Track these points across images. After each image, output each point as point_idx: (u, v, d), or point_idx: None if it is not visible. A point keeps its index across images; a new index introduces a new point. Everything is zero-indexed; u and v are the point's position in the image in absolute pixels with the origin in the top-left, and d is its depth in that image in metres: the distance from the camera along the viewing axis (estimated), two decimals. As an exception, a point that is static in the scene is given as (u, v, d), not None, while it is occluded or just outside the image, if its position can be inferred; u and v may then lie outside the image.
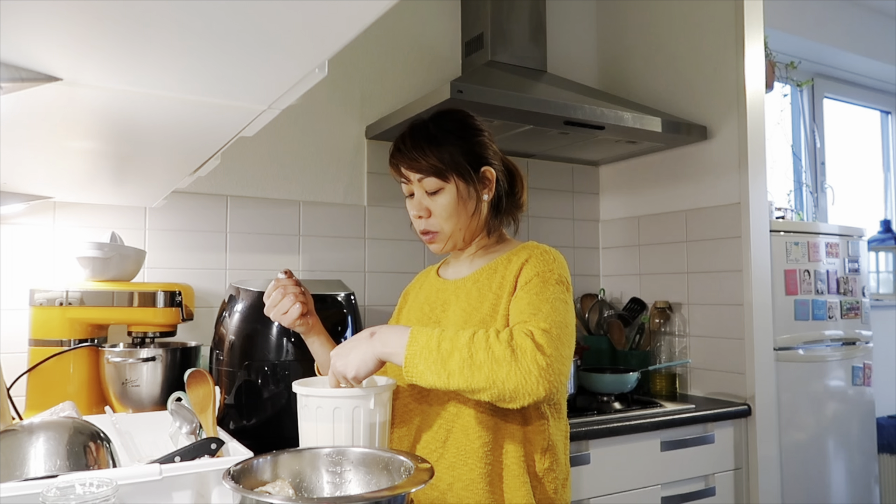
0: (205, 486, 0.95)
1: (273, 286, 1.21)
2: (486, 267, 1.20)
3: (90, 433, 0.99)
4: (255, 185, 2.04)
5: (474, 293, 1.17)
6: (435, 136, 1.17)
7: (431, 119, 1.20)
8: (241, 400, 1.53)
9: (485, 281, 1.18)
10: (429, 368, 0.99)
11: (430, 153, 1.15)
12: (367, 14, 0.59)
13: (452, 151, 1.16)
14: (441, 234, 1.20)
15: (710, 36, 2.21)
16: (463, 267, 1.26)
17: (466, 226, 1.20)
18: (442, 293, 1.25)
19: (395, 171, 1.20)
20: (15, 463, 0.91)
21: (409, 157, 1.16)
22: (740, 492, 2.03)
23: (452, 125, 1.19)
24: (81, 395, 1.57)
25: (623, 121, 2.02)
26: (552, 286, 1.10)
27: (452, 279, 1.26)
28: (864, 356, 2.39)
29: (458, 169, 1.16)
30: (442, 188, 1.16)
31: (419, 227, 1.22)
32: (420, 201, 1.19)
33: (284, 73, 0.74)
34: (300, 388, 1.10)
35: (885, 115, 3.62)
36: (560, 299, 1.09)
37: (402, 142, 1.19)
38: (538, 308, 1.06)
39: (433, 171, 1.15)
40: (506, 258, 1.19)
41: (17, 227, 1.73)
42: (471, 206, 1.19)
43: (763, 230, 2.11)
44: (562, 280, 1.12)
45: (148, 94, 0.78)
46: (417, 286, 1.36)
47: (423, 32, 2.34)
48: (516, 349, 0.98)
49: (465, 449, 1.10)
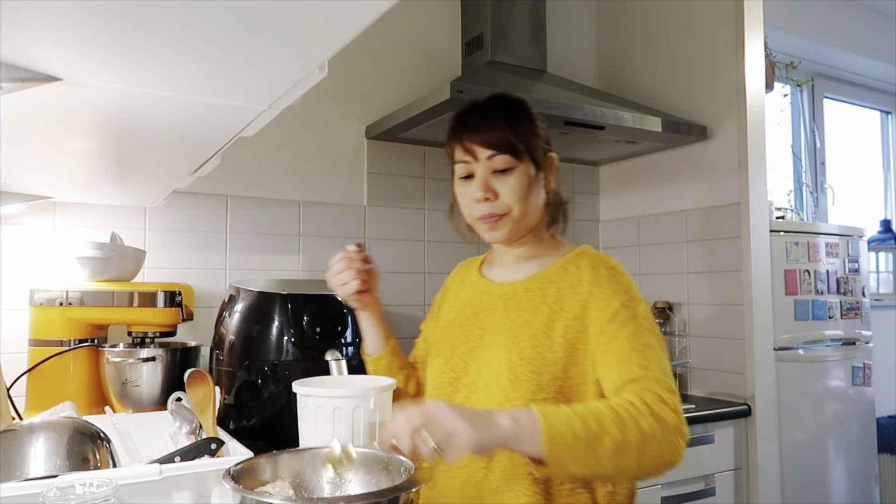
0: (205, 486, 0.95)
1: (340, 255, 1.13)
2: (538, 275, 1.09)
3: (90, 433, 0.99)
4: (255, 185, 2.04)
5: (525, 304, 1.07)
6: (506, 113, 1.07)
7: (493, 99, 1.11)
8: (241, 400, 1.53)
9: (537, 291, 1.07)
10: (573, 456, 0.81)
11: (504, 127, 1.04)
12: (367, 14, 0.59)
13: (526, 129, 1.06)
14: (507, 218, 1.07)
15: (710, 36, 2.21)
16: (511, 269, 1.15)
17: (532, 213, 1.09)
18: (487, 297, 1.14)
19: (458, 147, 1.08)
20: (15, 463, 0.90)
21: (479, 130, 1.05)
22: (740, 492, 2.03)
23: (518, 106, 1.10)
24: (81, 395, 1.57)
25: (623, 121, 2.02)
26: (643, 320, 1.00)
27: (499, 282, 1.15)
28: (864, 356, 2.38)
29: (533, 148, 1.06)
30: (513, 167, 1.05)
31: (479, 211, 1.08)
32: (486, 181, 1.06)
33: (284, 73, 0.74)
34: (300, 388, 1.10)
35: (885, 115, 3.62)
36: (655, 335, 1.00)
37: (467, 116, 1.08)
38: (646, 357, 0.95)
39: (508, 147, 1.04)
40: (560, 266, 1.08)
41: (17, 227, 1.73)
42: (539, 194, 1.09)
43: (763, 230, 2.11)
44: (642, 301, 1.03)
45: (148, 94, 0.78)
46: (458, 281, 1.26)
47: (423, 32, 2.34)
48: (660, 422, 0.87)
49: (512, 473, 1.00)
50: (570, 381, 1.01)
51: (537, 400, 0.99)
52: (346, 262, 1.12)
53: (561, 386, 1.01)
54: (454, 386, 1.10)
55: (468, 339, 1.12)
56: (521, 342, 1.03)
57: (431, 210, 2.32)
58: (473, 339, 1.11)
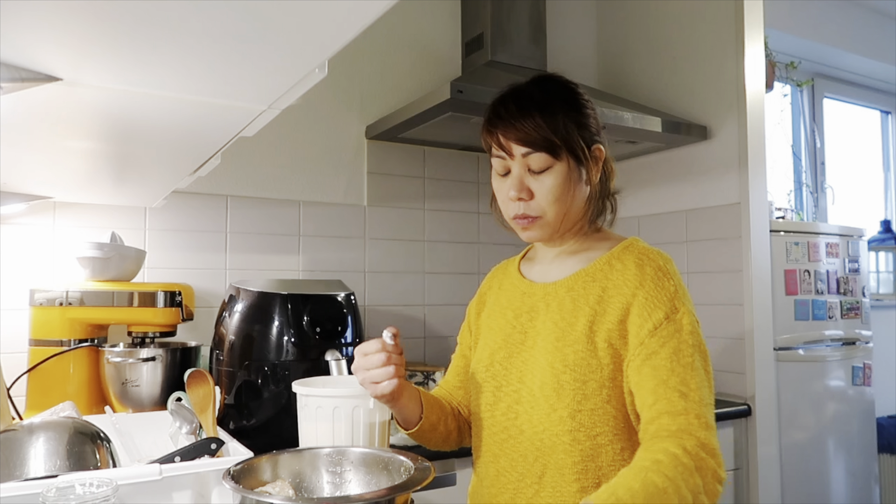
0: (205, 486, 0.95)
1: (377, 346, 0.97)
2: (582, 272, 1.03)
3: (90, 433, 0.99)
4: (255, 185, 2.04)
5: (568, 304, 1.00)
6: (545, 103, 0.99)
7: (535, 83, 1.02)
8: (241, 400, 1.53)
9: (580, 290, 1.01)
10: None
11: (542, 123, 0.97)
12: (368, 14, 0.59)
13: (566, 123, 0.98)
14: (542, 221, 1.01)
15: (710, 36, 2.21)
16: (553, 267, 1.08)
17: (573, 213, 1.03)
18: (529, 298, 1.07)
19: (492, 140, 1.01)
20: (15, 463, 0.90)
21: (515, 125, 0.98)
22: (740, 492, 2.03)
23: (561, 92, 1.02)
24: (81, 395, 1.57)
25: (623, 121, 2.02)
26: (688, 334, 0.93)
27: (541, 282, 1.08)
28: (864, 356, 2.38)
29: (572, 144, 0.98)
30: (551, 166, 0.98)
31: (514, 211, 1.02)
32: (521, 180, 0.99)
33: (284, 73, 0.74)
34: (300, 388, 1.10)
35: (885, 115, 3.62)
36: (699, 350, 0.93)
37: (502, 107, 1.00)
38: (686, 382, 0.89)
39: (545, 146, 0.97)
40: (605, 262, 1.02)
41: (17, 227, 1.73)
42: (579, 191, 1.02)
43: (763, 230, 2.11)
44: (689, 311, 0.95)
45: (148, 94, 0.78)
46: (496, 286, 1.17)
47: (423, 32, 2.34)
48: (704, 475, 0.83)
49: (562, 491, 0.94)
50: (619, 389, 0.95)
51: (584, 411, 0.94)
52: (384, 356, 0.96)
53: (609, 395, 0.95)
54: (496, 395, 1.04)
55: (508, 344, 1.05)
56: (564, 347, 0.97)
57: (431, 210, 2.32)
58: (515, 343, 1.05)
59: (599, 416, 0.94)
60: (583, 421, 0.94)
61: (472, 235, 2.39)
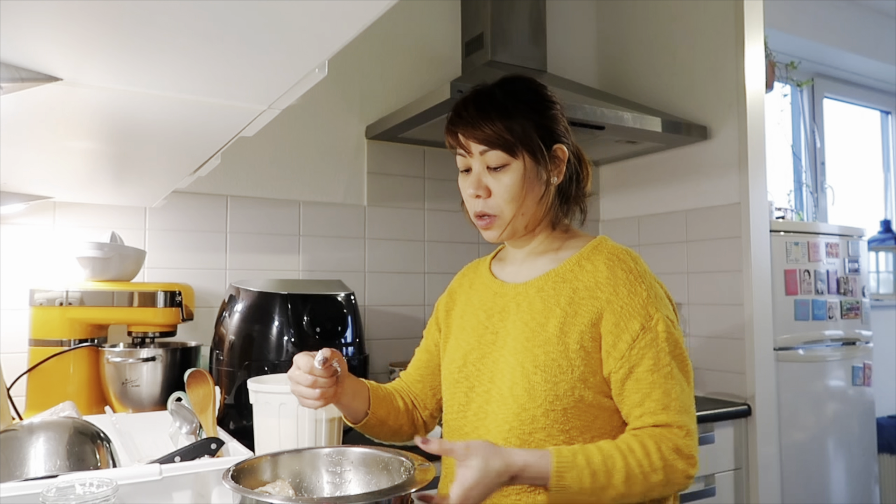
0: (205, 486, 0.95)
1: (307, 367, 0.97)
2: (552, 272, 1.04)
3: (90, 433, 0.99)
4: (255, 185, 2.04)
5: (538, 304, 1.02)
6: (504, 105, 1.02)
7: (498, 85, 1.05)
8: (241, 400, 1.53)
9: (550, 290, 1.02)
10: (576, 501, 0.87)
11: (497, 122, 1.00)
12: (367, 14, 0.59)
13: (524, 123, 1.01)
14: (500, 219, 1.04)
15: (710, 36, 2.21)
16: (523, 268, 1.10)
17: (531, 212, 1.04)
18: (500, 298, 1.09)
19: (453, 140, 1.05)
20: (15, 463, 0.91)
21: (472, 124, 1.01)
22: (740, 492, 2.03)
23: (524, 94, 1.05)
24: (81, 395, 1.57)
25: (623, 121, 2.02)
26: (664, 342, 0.96)
27: (512, 282, 1.10)
28: (864, 356, 2.38)
29: (529, 144, 1.01)
30: (507, 164, 1.01)
31: (474, 208, 1.05)
32: (479, 178, 1.03)
33: (284, 73, 0.74)
34: (253, 384, 1.13)
35: (885, 115, 3.62)
36: (676, 357, 0.97)
37: (463, 107, 1.04)
38: (667, 392, 0.94)
39: (500, 144, 1.00)
40: (575, 262, 1.04)
41: (17, 227, 1.73)
42: (538, 189, 1.04)
43: (763, 230, 2.11)
44: (664, 318, 0.97)
45: (148, 94, 0.79)
46: (467, 284, 1.19)
47: (423, 32, 2.34)
48: (668, 472, 0.90)
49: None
50: (591, 390, 0.97)
51: (556, 410, 0.96)
52: (310, 379, 0.97)
53: (581, 396, 0.96)
54: (468, 396, 1.05)
55: (481, 345, 1.07)
56: (534, 348, 0.99)
57: (431, 210, 2.32)
58: (486, 344, 1.06)
59: (572, 413, 0.97)
60: (556, 418, 0.97)
61: (472, 235, 2.39)
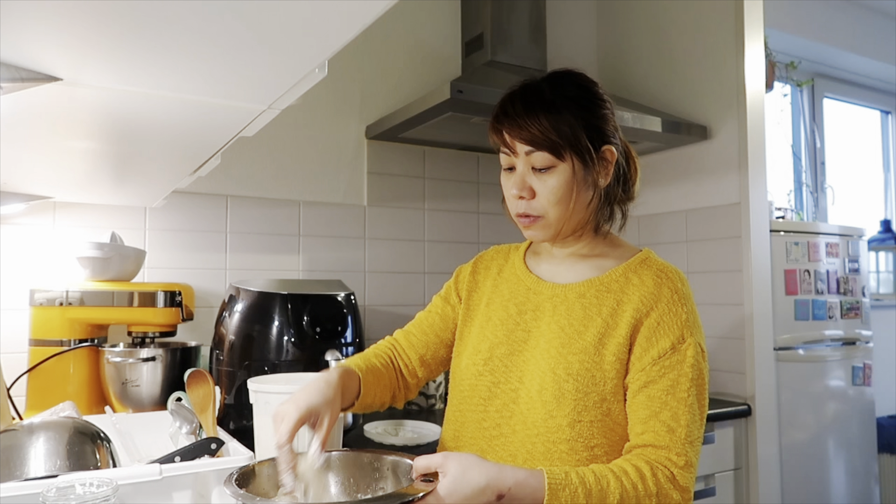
0: (205, 486, 0.95)
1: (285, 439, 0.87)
2: (595, 280, 1.01)
3: (90, 433, 0.99)
4: (255, 185, 2.04)
5: (578, 311, 0.99)
6: (553, 103, 0.97)
7: (547, 80, 1.01)
8: (241, 400, 1.53)
9: (593, 298, 0.99)
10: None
11: (545, 122, 0.96)
12: (368, 14, 0.59)
13: (573, 123, 0.97)
14: (544, 221, 1.00)
15: (710, 36, 2.21)
16: (562, 268, 1.07)
17: (577, 216, 1.01)
18: (535, 296, 1.05)
19: (498, 137, 1.01)
20: (15, 463, 0.90)
21: (518, 123, 0.97)
22: (740, 492, 2.03)
23: (573, 91, 1.00)
24: (81, 395, 1.57)
25: (623, 121, 2.02)
26: (689, 367, 0.93)
27: (549, 281, 1.06)
28: (864, 356, 2.38)
29: (577, 146, 0.97)
30: (554, 166, 0.97)
31: (517, 209, 1.01)
32: (523, 178, 0.99)
33: (284, 73, 0.74)
34: (253, 384, 1.14)
35: (885, 115, 3.62)
36: (697, 384, 0.93)
37: (510, 103, 1.00)
38: (676, 418, 0.91)
39: (546, 145, 0.96)
40: (622, 274, 1.01)
41: (17, 227, 1.73)
42: (584, 193, 1.00)
43: (763, 230, 2.11)
44: (696, 344, 0.95)
45: (148, 94, 0.79)
46: (495, 270, 1.14)
47: (423, 32, 2.34)
48: (663, 500, 0.87)
49: None
50: (620, 403, 0.95)
51: (582, 423, 0.94)
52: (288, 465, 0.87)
53: (609, 409, 0.94)
54: (492, 391, 1.02)
55: (510, 341, 1.04)
56: (569, 355, 0.96)
57: (431, 210, 2.32)
58: (517, 341, 1.03)
59: (598, 428, 0.94)
60: (581, 431, 0.94)
61: (472, 235, 2.39)
